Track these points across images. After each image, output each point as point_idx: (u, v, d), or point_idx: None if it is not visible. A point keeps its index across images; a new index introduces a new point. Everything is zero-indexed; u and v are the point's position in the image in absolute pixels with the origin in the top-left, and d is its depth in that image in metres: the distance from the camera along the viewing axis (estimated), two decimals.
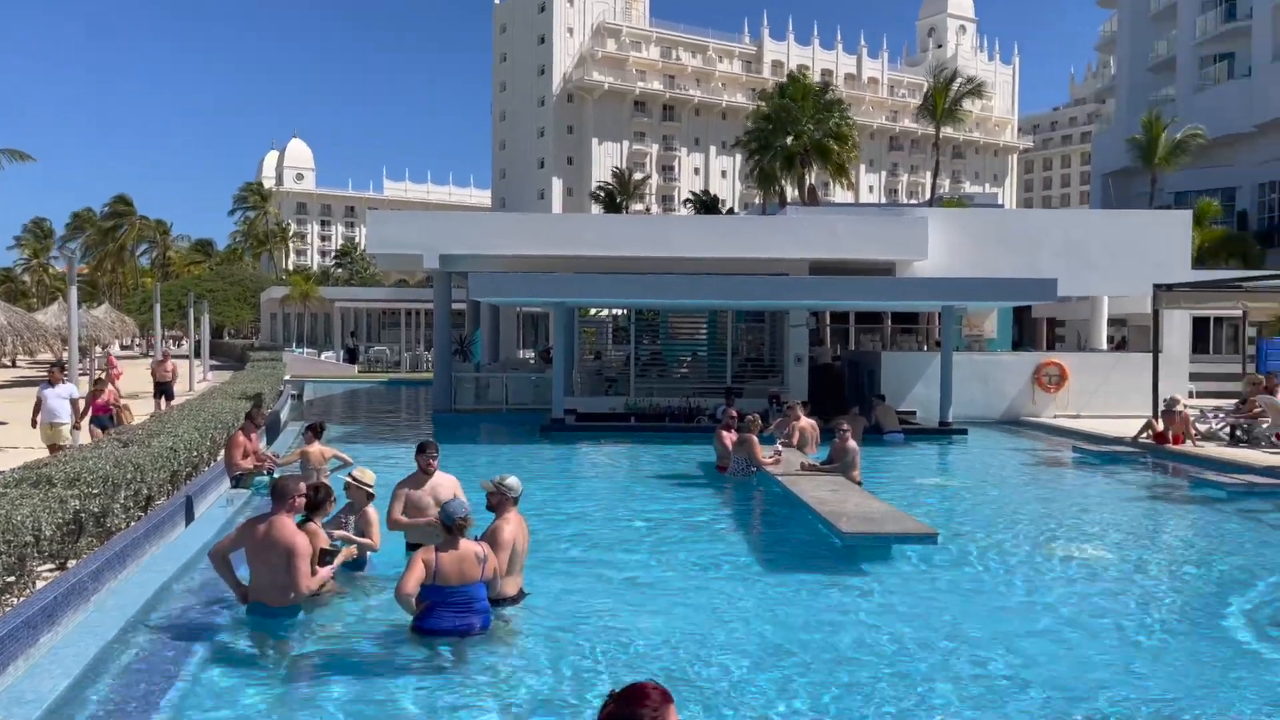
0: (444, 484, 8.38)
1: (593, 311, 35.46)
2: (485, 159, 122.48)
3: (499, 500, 7.42)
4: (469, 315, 32.73)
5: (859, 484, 12.62)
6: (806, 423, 15.88)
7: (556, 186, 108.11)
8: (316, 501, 7.72)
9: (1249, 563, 9.52)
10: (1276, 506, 12.54)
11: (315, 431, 11.77)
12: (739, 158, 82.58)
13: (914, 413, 21.87)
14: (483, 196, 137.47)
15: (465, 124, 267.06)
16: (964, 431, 20.15)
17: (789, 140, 42.14)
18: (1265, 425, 17.30)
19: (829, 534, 9.91)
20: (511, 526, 7.26)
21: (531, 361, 33.25)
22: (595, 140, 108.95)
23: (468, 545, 6.71)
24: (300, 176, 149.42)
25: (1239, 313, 26.44)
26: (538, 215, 37.21)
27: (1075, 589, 8.53)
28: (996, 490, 14.70)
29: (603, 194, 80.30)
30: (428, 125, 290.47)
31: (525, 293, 21.60)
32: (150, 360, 27.19)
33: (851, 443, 13.12)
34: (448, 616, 6.58)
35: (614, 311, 27.93)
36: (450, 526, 6.72)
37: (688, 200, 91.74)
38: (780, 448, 14.30)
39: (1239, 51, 51.08)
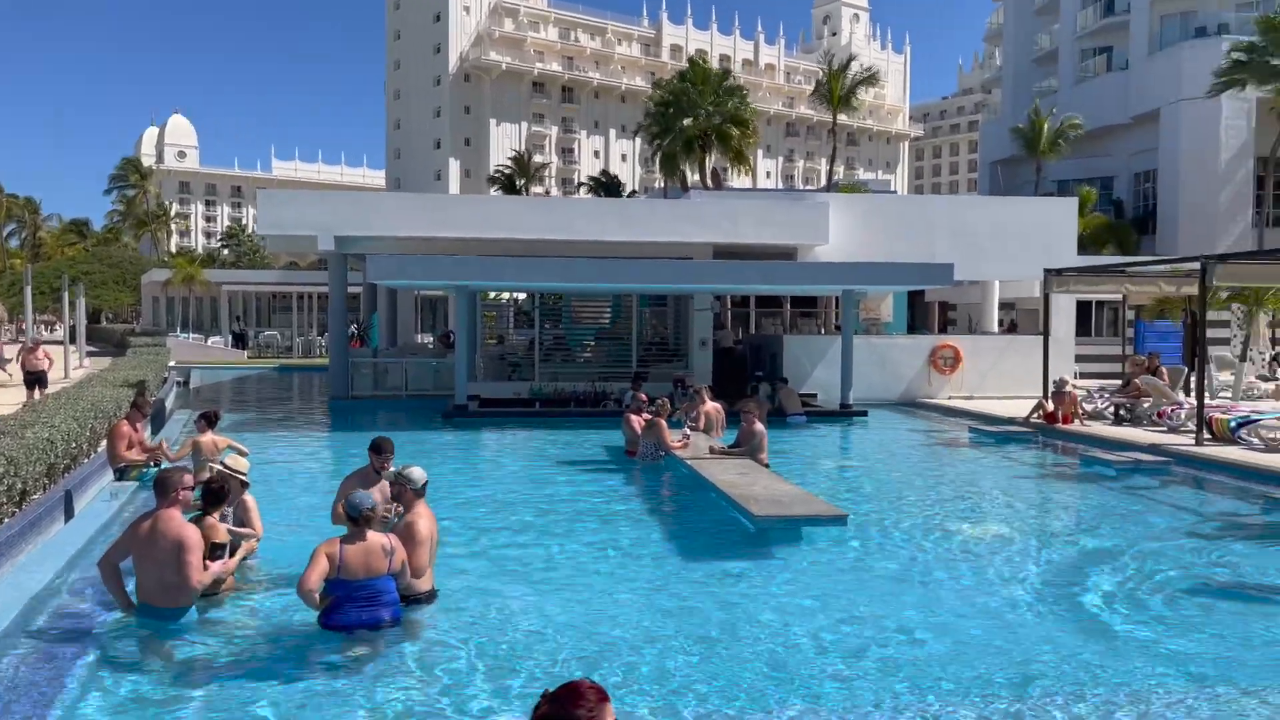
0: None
1: (494, 295, 34.98)
2: (379, 139, 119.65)
3: (399, 491, 7.16)
4: (364, 298, 31.85)
5: (766, 466, 12.68)
6: (712, 406, 15.88)
7: (454, 168, 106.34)
8: (217, 495, 7.30)
9: (1141, 538, 9.86)
10: (1162, 483, 13.08)
11: (208, 420, 11.18)
12: (639, 141, 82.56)
13: (815, 395, 22.17)
14: (376, 177, 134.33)
15: (358, 102, 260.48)
16: (864, 413, 20.51)
17: (689, 123, 42.23)
18: (1147, 404, 18.07)
19: (740, 517, 9.90)
20: (425, 521, 7.01)
21: (430, 346, 32.57)
22: (493, 121, 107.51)
23: (374, 537, 6.45)
24: (182, 154, 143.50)
25: (1119, 297, 27.56)
26: (437, 196, 36.47)
27: (977, 568, 8.69)
28: (899, 471, 14.98)
29: (501, 176, 79.25)
30: (319, 103, 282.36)
31: (425, 275, 21.07)
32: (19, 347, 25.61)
33: (759, 425, 13.16)
34: (354, 611, 6.31)
35: (517, 295, 27.55)
36: (357, 518, 6.44)
37: (582, 185, 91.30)
38: (688, 431, 14.29)
39: (1117, 46, 53.22)
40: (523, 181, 77.01)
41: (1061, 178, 51.13)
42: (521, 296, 26.51)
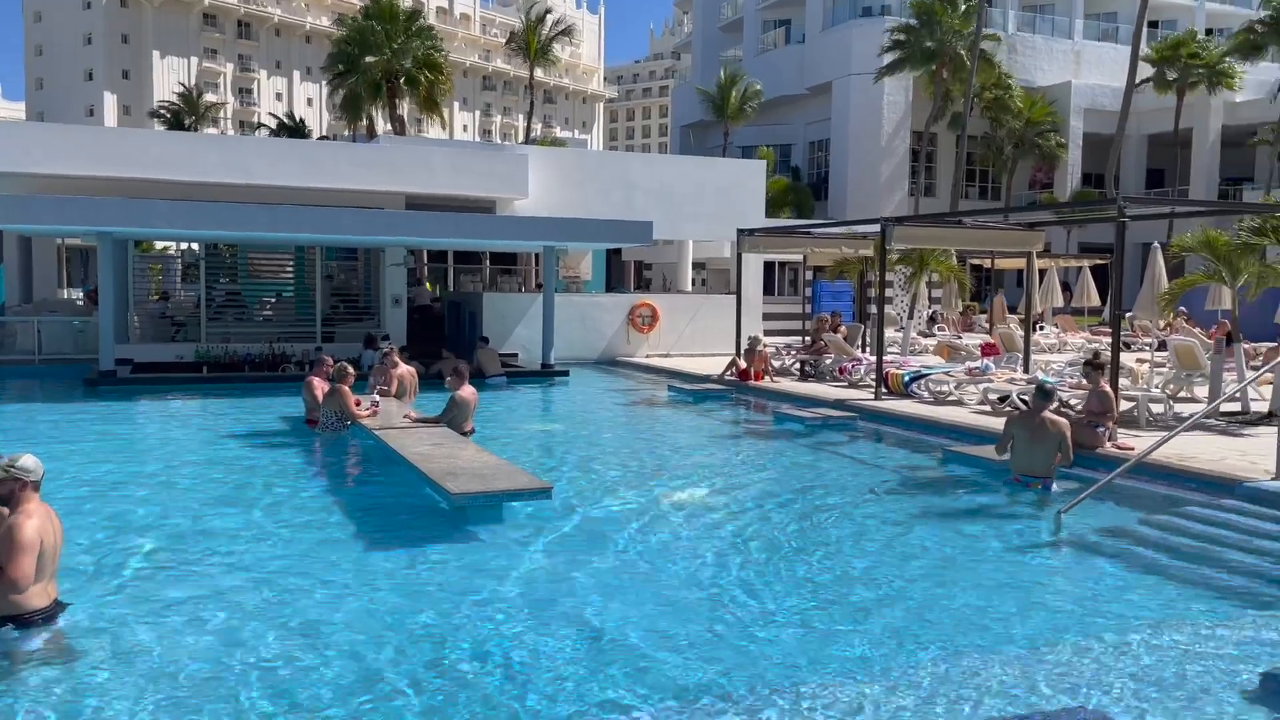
0: None
1: (159, 246, 31.18)
2: (16, 66, 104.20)
3: (10, 489, 5.56)
4: None
5: (470, 433, 11.80)
6: (405, 370, 14.71)
7: (110, 103, 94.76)
8: None
9: (839, 494, 9.97)
10: (849, 437, 13.55)
11: None
12: (325, 86, 77.49)
13: (516, 355, 21.49)
14: (15, 109, 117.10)
15: None
16: (565, 373, 20.12)
17: (374, 61, 39.58)
18: (829, 361, 18.96)
19: (435, 495, 8.92)
20: (37, 520, 5.45)
21: (79, 303, 28.43)
22: (157, 53, 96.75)
23: None
24: None
25: (800, 257, 29.00)
26: (80, 127, 31.61)
27: (685, 540, 8.31)
28: (603, 434, 14.60)
29: (167, 114, 71.53)
30: None
31: (58, 219, 17.75)
32: None
33: (466, 391, 12.18)
34: None
35: (183, 246, 24.58)
36: None
37: (263, 127, 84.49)
38: (378, 398, 13.04)
39: (795, 19, 56.38)
40: (192, 121, 69.97)
41: (746, 143, 53.64)
42: (189, 247, 23.64)
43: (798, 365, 19.50)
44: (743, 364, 18.42)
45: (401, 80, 41.86)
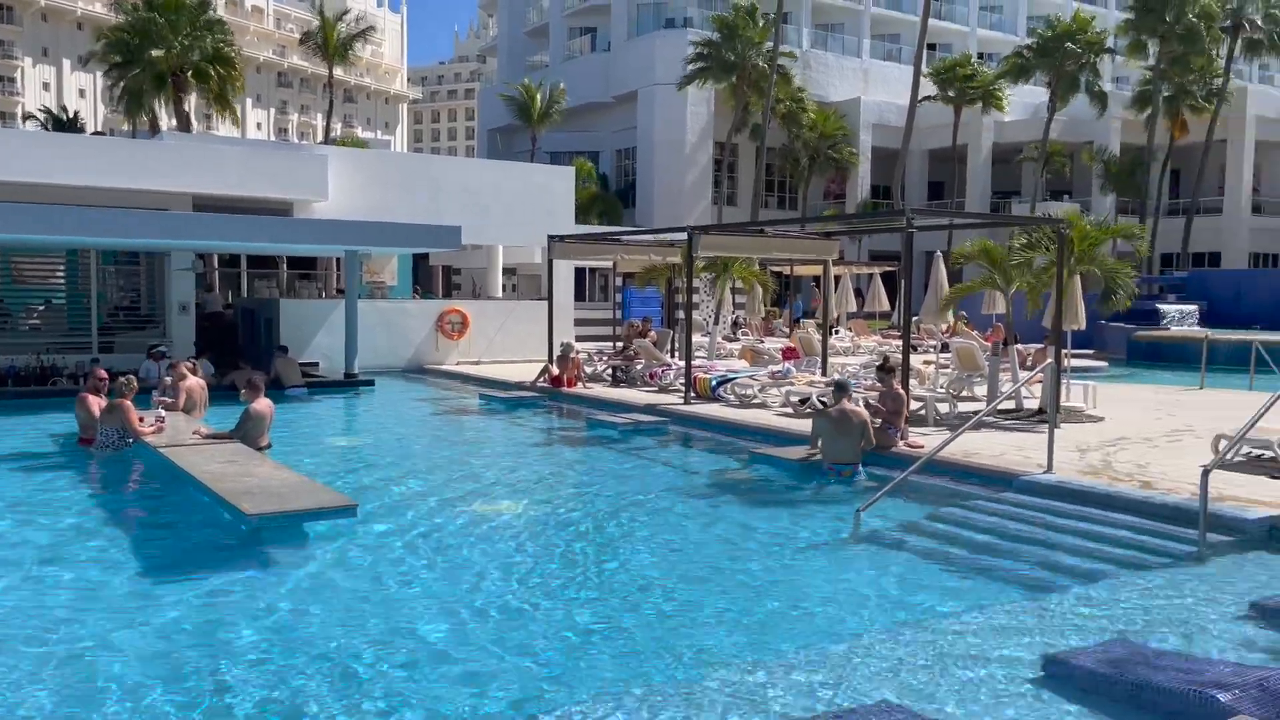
0: None
1: None
2: None
3: None
4: None
5: (267, 448, 11.16)
6: (195, 382, 13.80)
7: None
8: None
9: (648, 499, 10.04)
10: (660, 442, 13.71)
11: None
12: (101, 77, 72.01)
13: (317, 364, 20.61)
14: None
15: None
16: (370, 382, 19.45)
17: (159, 55, 36.99)
18: (640, 366, 19.16)
19: (229, 517, 8.36)
20: None
21: None
22: None
23: None
24: None
25: (610, 264, 29.24)
26: None
27: (490, 551, 8.13)
28: (411, 445, 14.17)
29: None
30: None
31: None
32: None
33: (262, 403, 11.51)
34: None
35: None
36: None
37: (30, 117, 77.73)
38: (163, 414, 12.16)
39: (601, 27, 56.90)
40: None
41: (554, 149, 53.65)
42: None
43: (609, 371, 19.62)
44: (555, 370, 18.35)
45: (189, 74, 39.30)
